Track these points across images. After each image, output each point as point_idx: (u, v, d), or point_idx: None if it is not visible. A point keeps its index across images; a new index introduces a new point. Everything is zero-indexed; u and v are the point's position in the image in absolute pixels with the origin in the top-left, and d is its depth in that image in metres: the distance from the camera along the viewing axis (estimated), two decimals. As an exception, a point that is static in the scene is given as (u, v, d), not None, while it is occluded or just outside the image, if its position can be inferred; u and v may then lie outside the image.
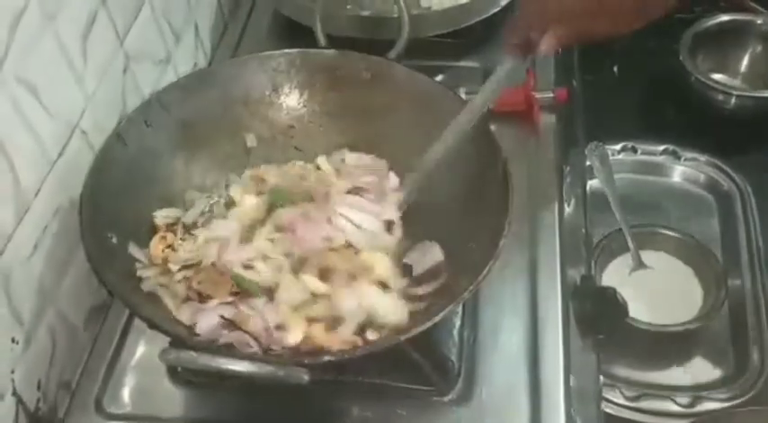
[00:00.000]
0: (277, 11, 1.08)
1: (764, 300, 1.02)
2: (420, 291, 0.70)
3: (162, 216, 0.75)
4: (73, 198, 0.72)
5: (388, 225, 0.76)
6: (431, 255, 0.72)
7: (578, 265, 0.89)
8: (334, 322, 0.67)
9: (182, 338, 0.62)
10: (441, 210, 0.76)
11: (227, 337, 0.63)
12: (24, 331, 0.69)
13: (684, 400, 0.92)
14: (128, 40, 0.85)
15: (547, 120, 0.94)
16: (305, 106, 0.84)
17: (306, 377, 0.57)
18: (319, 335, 0.66)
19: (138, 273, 0.70)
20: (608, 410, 0.90)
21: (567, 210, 0.90)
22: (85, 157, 0.75)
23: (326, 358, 0.60)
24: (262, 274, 0.70)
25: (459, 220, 0.74)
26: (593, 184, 1.11)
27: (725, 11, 1.33)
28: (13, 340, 0.67)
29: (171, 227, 0.75)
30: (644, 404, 0.92)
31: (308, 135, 0.84)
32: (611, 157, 1.17)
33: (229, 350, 0.61)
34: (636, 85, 1.34)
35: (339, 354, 0.61)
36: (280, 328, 0.66)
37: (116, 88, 0.83)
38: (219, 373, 0.57)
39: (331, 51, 0.84)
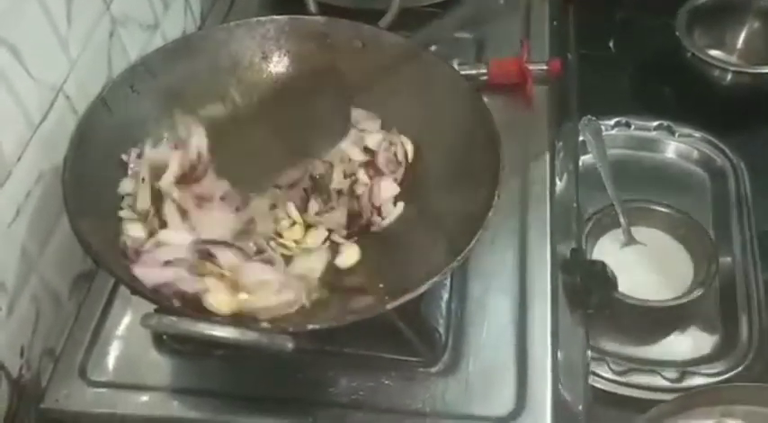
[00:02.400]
0: (268, -22, 1.06)
1: (754, 277, 1.02)
2: None
3: None
4: (56, 164, 0.71)
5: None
6: None
7: (569, 239, 0.89)
8: None
9: (165, 305, 0.61)
10: (429, 180, 0.76)
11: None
12: (7, 298, 0.68)
13: (673, 374, 0.92)
14: (114, 4, 0.83)
15: (540, 93, 0.93)
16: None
17: (290, 345, 0.56)
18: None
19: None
20: (595, 385, 0.90)
21: (559, 184, 0.89)
22: (69, 122, 0.74)
23: (311, 326, 0.59)
24: None
25: (449, 191, 0.74)
26: (585, 158, 1.10)
27: (722, -14, 1.31)
28: (-5, 306, 0.67)
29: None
30: (632, 379, 0.92)
31: (298, 104, 0.83)
32: (604, 132, 1.16)
33: (211, 316, 0.60)
34: (631, 60, 1.33)
35: (324, 322, 0.61)
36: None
37: (102, 53, 0.82)
38: (202, 338, 0.56)
39: (321, 18, 0.83)
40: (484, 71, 0.93)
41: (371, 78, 0.80)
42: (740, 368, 0.93)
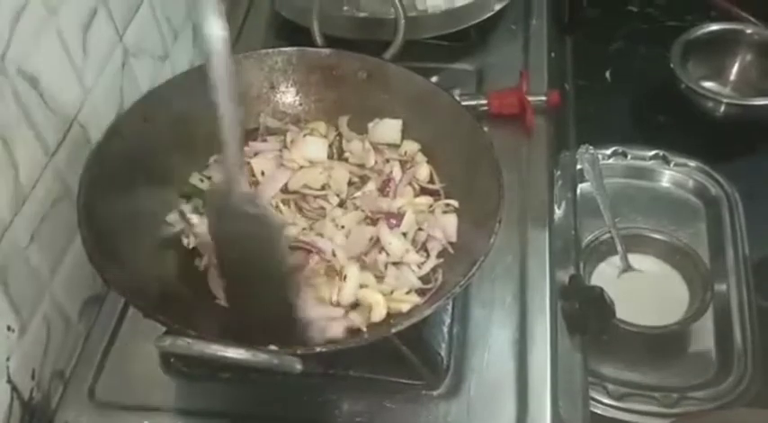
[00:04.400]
0: (275, 10, 1.09)
1: (748, 304, 1.04)
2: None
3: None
4: (70, 190, 0.73)
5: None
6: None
7: (567, 265, 0.90)
8: None
9: (178, 328, 0.63)
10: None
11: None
12: (20, 320, 0.70)
13: (669, 400, 0.93)
14: (127, 36, 0.86)
15: (539, 123, 0.95)
16: (301, 105, 0.85)
17: (299, 366, 0.58)
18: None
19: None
20: (594, 409, 0.91)
21: (558, 212, 0.91)
22: (83, 151, 0.76)
23: (318, 349, 0.61)
24: None
25: (451, 218, 0.76)
26: (583, 187, 1.12)
27: (715, 20, 1.35)
28: (8, 328, 0.68)
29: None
30: (629, 404, 0.93)
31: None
32: (601, 162, 1.18)
33: (223, 339, 0.62)
34: (627, 91, 1.36)
35: (331, 345, 0.62)
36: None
37: (115, 83, 0.84)
38: (214, 360, 0.58)
39: (327, 51, 0.85)
40: (484, 102, 0.95)
41: (376, 108, 0.82)
42: (735, 394, 0.94)
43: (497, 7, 1.02)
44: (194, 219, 0.75)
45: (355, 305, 0.69)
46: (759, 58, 1.32)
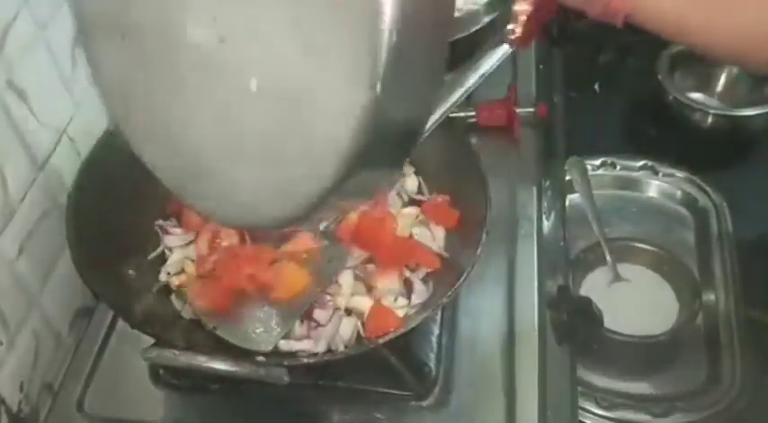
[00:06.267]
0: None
1: (736, 313, 1.04)
2: None
3: None
4: (59, 203, 0.74)
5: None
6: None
7: (556, 276, 0.91)
8: None
9: (166, 340, 0.63)
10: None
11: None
12: (8, 333, 0.70)
13: (658, 410, 0.94)
14: (117, 50, 0.86)
15: (527, 134, 0.96)
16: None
17: (286, 378, 0.58)
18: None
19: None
20: (583, 419, 0.92)
21: (546, 223, 0.91)
22: (72, 164, 0.76)
23: (305, 360, 0.61)
24: None
25: (438, 229, 0.76)
26: (572, 198, 1.13)
27: (703, 32, 1.36)
28: (-3, 341, 0.68)
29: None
30: (619, 413, 0.93)
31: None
32: (590, 172, 1.19)
33: (210, 350, 0.62)
34: (616, 103, 1.37)
35: (318, 356, 0.63)
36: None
37: (104, 96, 0.85)
38: (201, 371, 0.58)
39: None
40: (472, 114, 0.96)
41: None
42: (723, 403, 0.95)
43: (486, 20, 1.03)
44: (177, 231, 0.75)
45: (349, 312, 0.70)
46: (745, 69, 1.34)
